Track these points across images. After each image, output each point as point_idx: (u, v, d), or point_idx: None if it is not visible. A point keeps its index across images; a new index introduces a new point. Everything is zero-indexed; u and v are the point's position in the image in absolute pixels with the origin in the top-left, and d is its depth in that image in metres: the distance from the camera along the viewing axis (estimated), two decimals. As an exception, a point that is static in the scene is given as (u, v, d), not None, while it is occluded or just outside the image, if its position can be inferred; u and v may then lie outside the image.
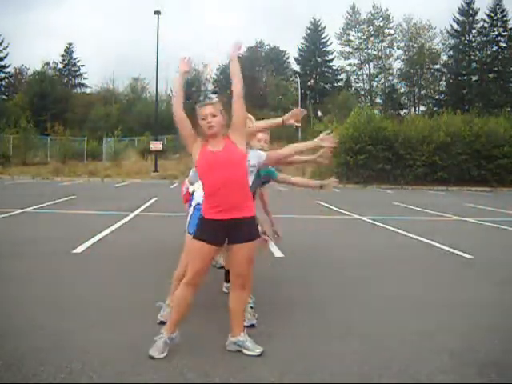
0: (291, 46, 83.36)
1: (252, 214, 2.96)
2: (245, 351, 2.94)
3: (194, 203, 3.53)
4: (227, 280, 3.79)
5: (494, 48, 46.45)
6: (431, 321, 3.69)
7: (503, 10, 45.56)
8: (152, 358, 2.81)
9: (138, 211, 10.31)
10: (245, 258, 2.94)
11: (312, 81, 51.88)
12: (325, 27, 51.48)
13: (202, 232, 2.89)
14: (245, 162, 2.96)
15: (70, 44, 49.41)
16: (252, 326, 3.36)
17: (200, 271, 2.91)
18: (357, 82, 52.88)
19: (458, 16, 46.97)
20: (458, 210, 12.35)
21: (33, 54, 69.78)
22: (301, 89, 42.85)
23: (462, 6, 46.75)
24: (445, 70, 48.27)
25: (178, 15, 70.74)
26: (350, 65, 51.92)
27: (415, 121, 26.22)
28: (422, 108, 49.45)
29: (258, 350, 2.93)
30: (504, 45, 46.03)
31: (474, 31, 46.90)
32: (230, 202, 2.83)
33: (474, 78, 46.59)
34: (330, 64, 52.17)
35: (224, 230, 2.87)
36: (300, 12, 73.74)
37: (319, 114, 45.83)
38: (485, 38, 46.29)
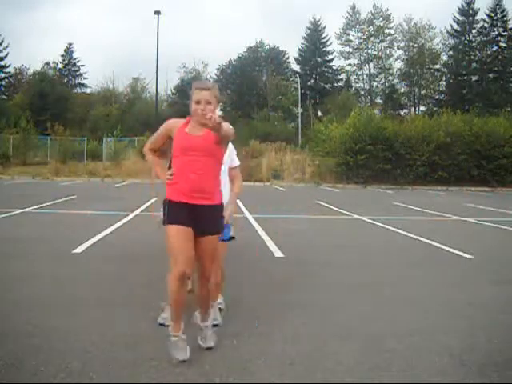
0: (291, 46, 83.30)
1: (218, 203, 2.88)
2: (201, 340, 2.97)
3: None
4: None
5: (494, 48, 46.41)
6: (431, 321, 3.69)
7: (503, 10, 45.53)
8: (184, 361, 2.75)
9: (138, 211, 10.30)
10: (206, 252, 2.87)
11: (312, 81, 51.84)
12: (325, 27, 51.51)
13: (172, 216, 2.81)
14: (221, 152, 2.87)
15: (70, 44, 49.39)
16: (216, 325, 3.22)
17: (184, 258, 2.76)
18: (357, 82, 52.84)
19: (457, 16, 46.97)
20: (458, 210, 12.35)
21: (33, 54, 69.80)
22: (301, 89, 42.83)
23: (462, 5, 46.74)
24: (445, 70, 48.24)
25: (178, 15, 70.70)
26: (349, 65, 51.90)
27: (415, 121, 26.19)
28: (422, 108, 49.42)
29: (210, 344, 2.94)
30: (504, 45, 46.00)
31: (474, 31, 46.86)
32: (197, 188, 2.77)
33: (474, 78, 46.55)
34: (330, 64, 52.12)
35: (190, 214, 2.78)
36: (300, 12, 73.75)
37: (319, 113, 45.81)
38: (485, 38, 46.25)
